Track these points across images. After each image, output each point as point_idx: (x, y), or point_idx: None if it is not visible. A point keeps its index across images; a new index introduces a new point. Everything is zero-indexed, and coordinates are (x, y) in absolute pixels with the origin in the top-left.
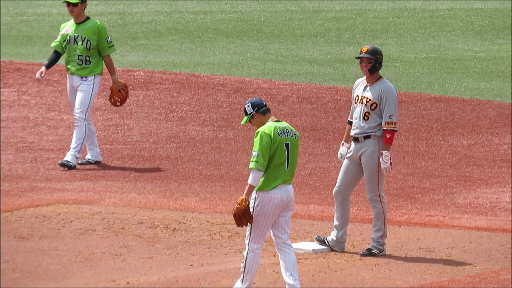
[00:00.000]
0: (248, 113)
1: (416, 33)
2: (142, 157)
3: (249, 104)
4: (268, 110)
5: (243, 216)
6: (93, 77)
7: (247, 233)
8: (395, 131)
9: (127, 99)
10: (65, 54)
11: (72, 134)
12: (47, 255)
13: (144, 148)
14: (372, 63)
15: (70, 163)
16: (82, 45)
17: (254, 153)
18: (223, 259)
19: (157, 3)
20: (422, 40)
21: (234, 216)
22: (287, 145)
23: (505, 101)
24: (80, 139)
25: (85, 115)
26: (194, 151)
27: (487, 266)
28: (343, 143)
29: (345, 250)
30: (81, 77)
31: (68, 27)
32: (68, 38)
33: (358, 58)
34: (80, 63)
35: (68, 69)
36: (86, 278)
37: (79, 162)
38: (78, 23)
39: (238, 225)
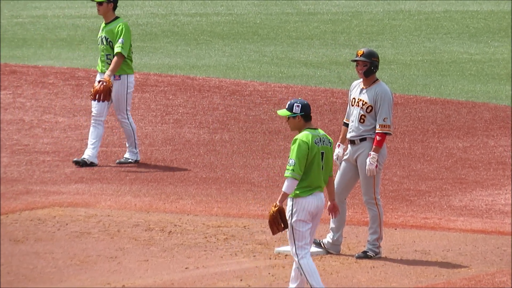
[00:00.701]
0: (294, 112)
1: (411, 36)
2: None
3: (300, 104)
4: (310, 119)
5: (274, 222)
6: (125, 76)
7: (291, 243)
8: (389, 134)
9: (102, 99)
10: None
11: (65, 137)
12: (42, 258)
13: (140, 151)
14: (368, 66)
15: (130, 160)
16: (107, 45)
17: (291, 161)
18: (218, 261)
19: (153, 5)
20: (418, 42)
21: (269, 223)
22: (322, 153)
23: (501, 103)
24: (130, 137)
25: (126, 114)
26: (190, 153)
27: (482, 268)
28: (339, 144)
29: (340, 252)
30: (114, 77)
31: (101, 27)
32: (98, 38)
33: (353, 61)
34: (109, 62)
35: (98, 68)
36: (82, 281)
37: (74, 160)
38: (106, 23)
39: (273, 233)
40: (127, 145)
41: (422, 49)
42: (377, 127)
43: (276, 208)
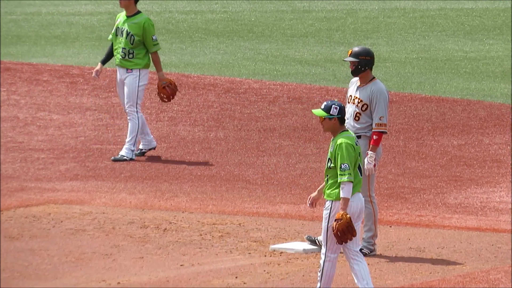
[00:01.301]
0: (331, 114)
1: (406, 33)
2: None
3: (338, 107)
4: (344, 122)
5: (347, 230)
6: (138, 70)
7: (324, 242)
8: (384, 133)
9: (176, 95)
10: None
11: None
12: (37, 255)
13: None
14: (356, 66)
15: (125, 157)
16: (126, 38)
17: (345, 166)
18: (213, 259)
19: (147, 3)
20: (413, 40)
21: (338, 232)
22: (359, 154)
23: (496, 101)
24: (133, 132)
25: (136, 108)
26: (185, 151)
27: (477, 265)
28: None
29: None
30: (126, 69)
31: (120, 18)
32: (116, 29)
33: (344, 61)
34: (123, 56)
35: (116, 61)
36: (77, 278)
37: (136, 152)
38: (128, 16)
39: (341, 242)
40: (126, 140)
41: (417, 47)
42: (374, 126)
43: (348, 215)
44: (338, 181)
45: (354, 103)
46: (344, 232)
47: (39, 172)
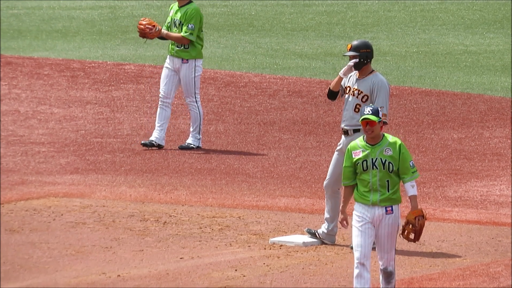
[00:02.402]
0: (380, 117)
1: (407, 27)
2: (132, 151)
3: (378, 109)
4: None
5: (423, 228)
6: (193, 60)
7: (389, 249)
8: (385, 123)
9: (144, 35)
10: None
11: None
12: (37, 248)
13: (135, 142)
14: (358, 60)
15: (191, 145)
16: (179, 27)
17: (413, 163)
18: (213, 252)
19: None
20: (413, 34)
21: (421, 230)
22: None
23: (496, 95)
24: (196, 121)
25: (195, 97)
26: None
27: (477, 258)
28: None
29: (335, 243)
30: (182, 60)
31: (172, 9)
32: (170, 20)
33: (344, 55)
34: (179, 46)
35: (169, 51)
36: (77, 271)
37: (142, 142)
38: (180, 7)
39: (418, 240)
40: (191, 130)
41: (417, 41)
42: None
43: (425, 213)
44: (412, 178)
45: (354, 95)
46: (422, 230)
47: (39, 165)
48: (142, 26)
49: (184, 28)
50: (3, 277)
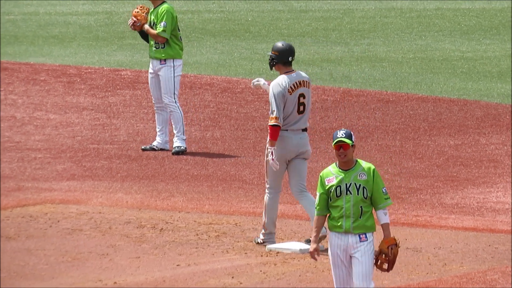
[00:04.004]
0: (353, 141)
1: (403, 33)
2: (129, 157)
3: (352, 133)
4: None
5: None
6: (171, 60)
7: (368, 278)
8: (275, 126)
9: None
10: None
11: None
12: (34, 255)
13: (131, 148)
14: (269, 60)
15: (181, 147)
16: (153, 29)
17: (385, 189)
18: (210, 259)
19: (144, 3)
20: (410, 40)
21: (394, 259)
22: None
23: (492, 101)
24: (178, 122)
25: (174, 98)
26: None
27: (474, 266)
28: None
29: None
30: (160, 61)
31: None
32: (149, 23)
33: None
34: (157, 47)
35: (149, 54)
36: (73, 278)
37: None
38: (154, 8)
39: (392, 269)
40: (175, 132)
41: (414, 47)
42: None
43: (398, 241)
44: (384, 205)
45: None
46: (395, 260)
47: (36, 171)
48: (134, 14)
49: (157, 26)
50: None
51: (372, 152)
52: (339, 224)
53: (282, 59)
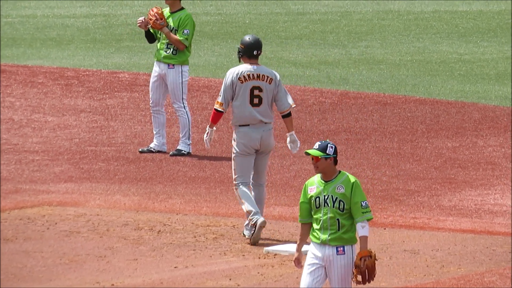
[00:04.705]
0: (327, 153)
1: (401, 36)
2: (127, 159)
3: (333, 146)
4: (337, 162)
5: (374, 268)
6: (180, 66)
7: None
8: (218, 111)
9: (153, 20)
10: (158, 41)
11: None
12: (31, 257)
13: (129, 150)
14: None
15: (182, 151)
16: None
17: (366, 203)
18: (207, 261)
19: (142, 5)
20: (407, 42)
21: (368, 269)
22: None
23: (490, 103)
24: (185, 127)
25: (182, 103)
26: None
27: (471, 268)
28: None
29: None
30: (168, 65)
31: (164, 15)
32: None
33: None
34: (168, 51)
35: (156, 56)
36: (71, 280)
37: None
38: (172, 12)
39: (369, 281)
40: (180, 136)
41: (412, 49)
42: None
43: (374, 253)
44: (362, 219)
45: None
46: (374, 270)
47: (33, 174)
48: (152, 13)
49: (179, 33)
50: None
51: (370, 154)
52: (317, 235)
53: (247, 52)
